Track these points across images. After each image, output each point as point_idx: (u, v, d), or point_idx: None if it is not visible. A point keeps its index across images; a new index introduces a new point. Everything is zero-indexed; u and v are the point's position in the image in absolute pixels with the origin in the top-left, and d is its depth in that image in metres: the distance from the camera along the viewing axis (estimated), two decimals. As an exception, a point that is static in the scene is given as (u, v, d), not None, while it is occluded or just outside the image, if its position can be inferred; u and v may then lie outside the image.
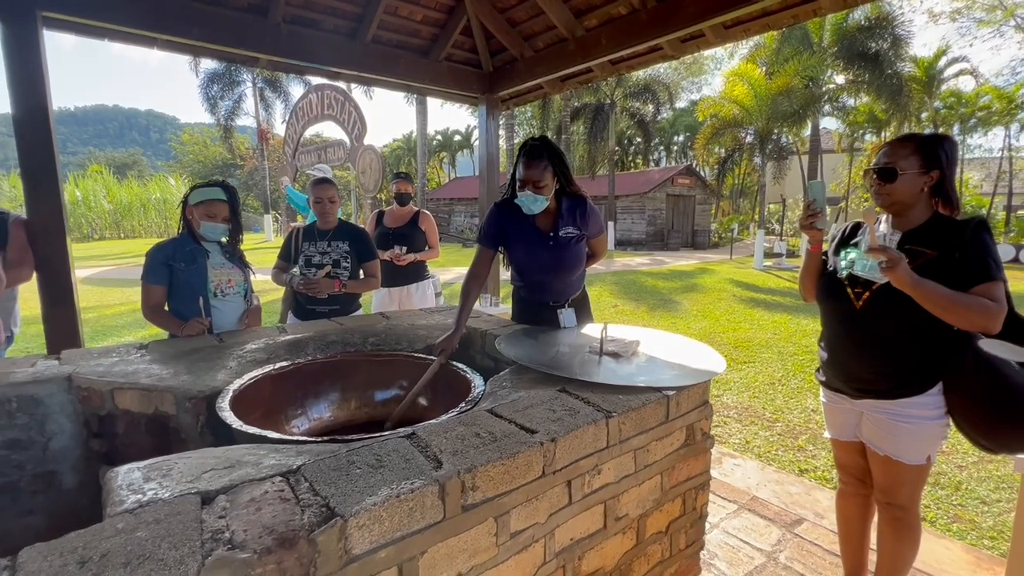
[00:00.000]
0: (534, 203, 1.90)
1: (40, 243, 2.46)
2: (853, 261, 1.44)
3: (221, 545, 0.70)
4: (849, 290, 1.48)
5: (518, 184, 1.91)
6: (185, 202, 2.11)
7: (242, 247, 2.30)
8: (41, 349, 2.80)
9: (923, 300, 1.29)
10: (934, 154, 1.39)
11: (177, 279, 2.02)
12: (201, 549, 0.68)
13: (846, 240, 1.57)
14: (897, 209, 1.45)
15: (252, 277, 2.31)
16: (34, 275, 2.48)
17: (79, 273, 2.69)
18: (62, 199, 2.56)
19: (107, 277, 12.02)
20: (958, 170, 1.72)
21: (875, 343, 1.44)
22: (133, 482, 0.86)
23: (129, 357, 1.62)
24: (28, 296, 2.61)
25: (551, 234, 1.99)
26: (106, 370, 1.49)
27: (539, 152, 1.88)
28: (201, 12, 2.91)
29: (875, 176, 1.44)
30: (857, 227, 1.58)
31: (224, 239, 2.17)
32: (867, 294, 1.44)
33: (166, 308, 2.07)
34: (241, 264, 2.22)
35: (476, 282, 2.00)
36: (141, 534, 0.71)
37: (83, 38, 2.97)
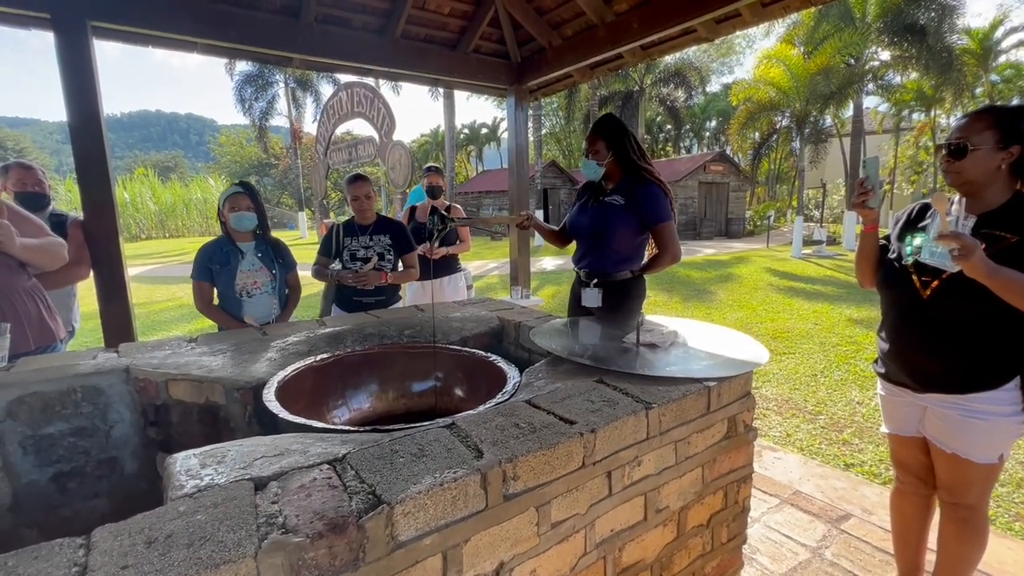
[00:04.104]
0: (586, 167, 2.14)
1: (95, 243, 2.60)
2: (919, 247, 1.32)
3: (275, 529, 0.72)
4: (915, 278, 1.38)
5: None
6: (219, 209, 2.36)
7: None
8: (98, 343, 2.97)
9: (1001, 290, 1.18)
10: (1014, 128, 1.26)
11: (216, 279, 2.29)
12: (257, 532, 0.71)
13: (911, 223, 1.46)
14: (969, 189, 1.33)
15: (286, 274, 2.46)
16: (91, 273, 2.63)
17: (130, 271, 2.84)
18: (114, 201, 2.70)
19: (155, 275, 12.63)
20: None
21: (944, 335, 1.34)
22: (191, 468, 0.90)
23: (180, 350, 1.70)
24: (84, 293, 2.76)
25: (599, 198, 2.17)
26: (160, 362, 1.56)
27: (597, 125, 2.14)
28: (237, 16, 2.99)
29: (944, 152, 1.33)
30: (924, 209, 1.46)
31: (254, 227, 2.34)
32: (936, 283, 1.33)
33: (215, 303, 2.33)
34: (271, 263, 2.37)
35: (557, 234, 2.37)
36: (201, 517, 0.74)
37: (128, 46, 3.11)
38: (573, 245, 2.38)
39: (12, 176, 2.46)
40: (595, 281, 2.12)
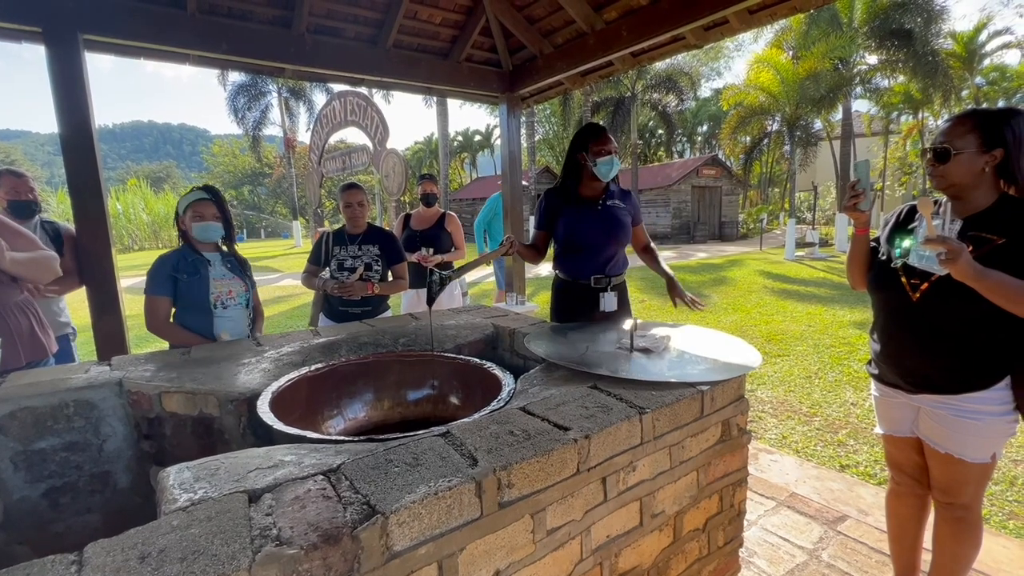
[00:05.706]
0: (615, 165, 2.16)
1: (87, 255, 2.58)
2: (908, 250, 1.34)
3: (269, 541, 0.72)
4: (904, 280, 1.39)
5: (593, 155, 2.13)
6: (178, 215, 2.11)
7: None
8: (91, 356, 2.94)
9: (989, 293, 1.20)
10: (997, 131, 1.27)
11: (181, 291, 2.04)
12: (251, 545, 0.71)
13: (900, 225, 1.48)
14: (955, 192, 1.34)
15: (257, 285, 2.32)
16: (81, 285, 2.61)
17: (122, 283, 2.82)
18: (107, 213, 2.68)
19: (148, 286, 12.53)
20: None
21: (935, 337, 1.36)
22: (184, 481, 0.90)
23: (174, 362, 1.69)
24: (77, 305, 2.74)
25: (600, 201, 2.21)
26: (153, 375, 1.55)
27: (602, 127, 2.23)
28: (229, 27, 3.00)
29: (929, 156, 1.35)
30: (913, 211, 1.48)
31: (220, 239, 2.15)
32: (925, 285, 1.34)
33: (171, 321, 2.09)
34: (241, 274, 2.19)
35: (535, 249, 2.32)
36: (195, 531, 0.74)
37: (120, 58, 3.11)
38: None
39: (5, 184, 2.46)
40: (611, 285, 2.23)
